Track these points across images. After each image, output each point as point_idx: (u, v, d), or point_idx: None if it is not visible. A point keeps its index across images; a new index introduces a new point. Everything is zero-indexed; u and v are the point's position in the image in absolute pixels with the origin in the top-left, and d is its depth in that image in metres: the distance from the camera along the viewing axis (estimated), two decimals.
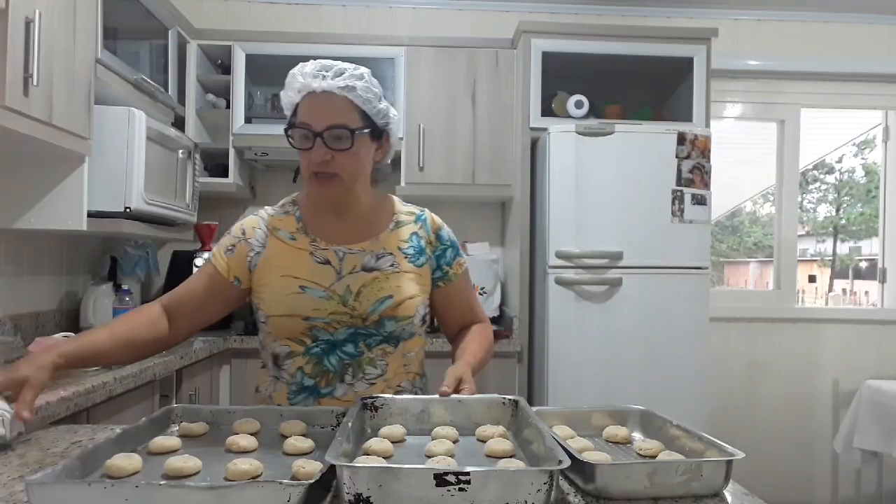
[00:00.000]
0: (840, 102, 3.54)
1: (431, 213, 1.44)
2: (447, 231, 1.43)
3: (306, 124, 1.24)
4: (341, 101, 1.23)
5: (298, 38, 2.96)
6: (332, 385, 1.29)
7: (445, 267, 1.40)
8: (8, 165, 2.00)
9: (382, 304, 1.29)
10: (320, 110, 1.23)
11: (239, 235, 1.35)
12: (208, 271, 1.34)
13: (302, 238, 1.34)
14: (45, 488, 0.73)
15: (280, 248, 1.33)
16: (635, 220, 2.64)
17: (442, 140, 2.97)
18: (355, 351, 1.30)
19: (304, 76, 1.24)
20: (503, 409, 1.13)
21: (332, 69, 1.24)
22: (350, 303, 1.28)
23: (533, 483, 0.75)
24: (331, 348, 1.29)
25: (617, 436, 1.07)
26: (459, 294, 1.44)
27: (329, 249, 1.32)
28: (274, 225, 1.35)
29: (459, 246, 1.47)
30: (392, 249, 1.35)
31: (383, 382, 1.31)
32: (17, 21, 1.62)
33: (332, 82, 1.22)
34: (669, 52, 2.92)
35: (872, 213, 3.72)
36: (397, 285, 1.31)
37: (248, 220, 1.37)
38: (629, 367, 2.60)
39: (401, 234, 1.37)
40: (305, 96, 1.25)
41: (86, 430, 1.14)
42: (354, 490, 0.75)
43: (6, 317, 2.20)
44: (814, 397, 3.46)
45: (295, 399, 1.30)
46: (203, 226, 2.96)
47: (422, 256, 1.37)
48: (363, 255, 1.32)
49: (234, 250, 1.34)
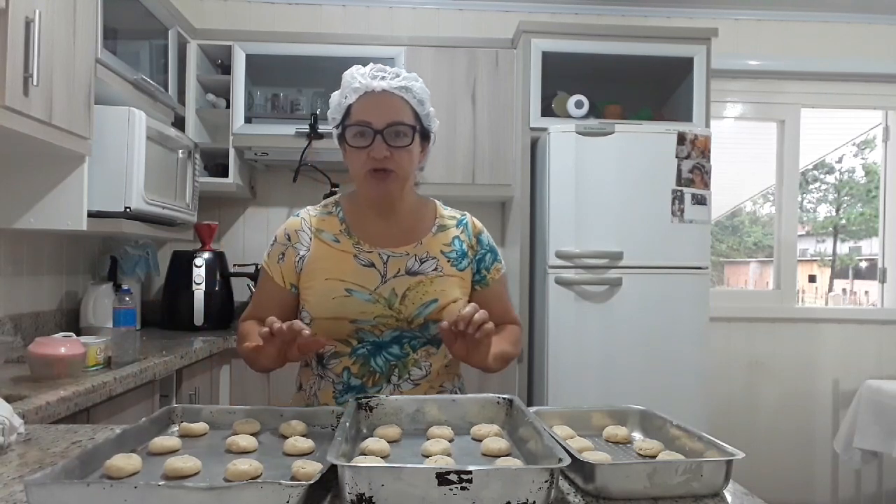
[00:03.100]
0: (840, 102, 3.54)
1: (472, 217, 1.46)
2: (487, 235, 1.45)
3: (365, 122, 1.26)
4: (399, 101, 1.28)
5: (298, 38, 2.96)
6: (379, 385, 1.31)
7: (484, 271, 1.42)
8: (8, 165, 2.00)
9: (428, 308, 1.30)
10: (380, 108, 1.27)
11: (285, 242, 1.36)
12: (268, 285, 1.37)
13: (345, 240, 1.35)
14: (44, 488, 0.73)
15: (324, 250, 1.34)
16: (635, 220, 2.64)
17: (442, 140, 2.96)
18: (401, 352, 1.32)
19: (362, 77, 1.27)
20: (497, 408, 1.14)
21: (388, 71, 1.29)
22: (396, 306, 1.30)
23: (534, 481, 0.75)
24: (377, 349, 1.31)
25: (617, 436, 1.07)
26: (496, 299, 1.43)
27: (373, 252, 1.33)
28: (317, 226, 1.37)
29: (498, 251, 1.48)
30: (435, 253, 1.36)
31: (427, 383, 1.33)
32: (17, 21, 1.62)
33: (391, 82, 1.28)
34: (669, 52, 2.92)
35: (872, 213, 3.72)
36: (442, 289, 1.32)
37: (290, 223, 1.38)
38: (629, 368, 2.60)
39: (444, 238, 1.39)
40: (361, 96, 1.28)
41: (86, 430, 1.14)
42: (356, 490, 0.75)
43: (6, 317, 2.20)
44: (814, 397, 3.46)
45: (342, 398, 1.31)
46: (203, 226, 2.96)
47: (464, 260, 1.39)
48: (407, 259, 1.34)
49: (284, 258, 1.36)
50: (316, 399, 1.35)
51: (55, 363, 1.64)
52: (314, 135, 2.83)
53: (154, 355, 2.05)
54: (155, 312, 2.96)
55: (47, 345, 1.66)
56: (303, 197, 3.16)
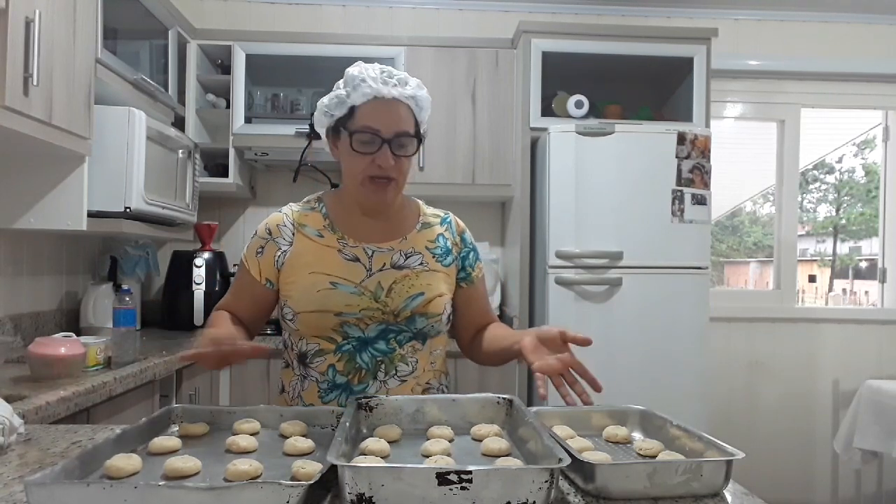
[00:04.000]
0: (840, 102, 3.54)
1: (455, 217, 1.47)
2: (469, 234, 1.47)
3: (374, 129, 1.26)
4: (405, 109, 1.28)
5: (298, 38, 2.96)
6: (365, 382, 1.30)
7: (469, 269, 1.42)
8: (8, 165, 2.00)
9: (414, 301, 1.30)
10: (389, 117, 1.26)
11: (266, 236, 1.35)
12: (244, 278, 1.37)
13: (329, 235, 1.34)
14: (43, 489, 0.73)
15: (307, 245, 1.33)
16: (635, 220, 2.64)
17: (442, 140, 2.97)
18: (387, 348, 1.31)
19: (373, 81, 1.25)
20: (497, 408, 1.14)
21: (396, 76, 1.28)
22: (382, 298, 1.29)
23: (534, 481, 0.75)
24: (362, 345, 1.30)
25: (617, 436, 1.07)
26: (480, 297, 1.46)
27: (358, 247, 1.33)
28: (300, 221, 1.36)
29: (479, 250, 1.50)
30: (420, 249, 1.36)
31: (413, 380, 1.32)
32: (17, 21, 1.62)
33: (401, 90, 1.27)
34: (669, 52, 2.92)
35: (872, 213, 3.72)
36: (428, 283, 1.33)
37: (272, 219, 1.38)
38: (629, 368, 2.59)
39: (428, 235, 1.39)
40: (370, 101, 1.26)
41: (86, 430, 1.13)
42: (357, 490, 0.75)
43: (6, 317, 2.20)
44: (814, 397, 3.46)
45: (327, 397, 1.30)
46: (203, 226, 2.96)
47: (449, 257, 1.39)
48: (392, 254, 1.34)
49: (263, 252, 1.35)
50: (301, 400, 1.33)
51: (55, 363, 1.64)
52: (314, 135, 2.79)
53: (154, 355, 2.05)
54: (155, 312, 2.96)
55: (47, 345, 1.66)
56: (303, 197, 3.14)
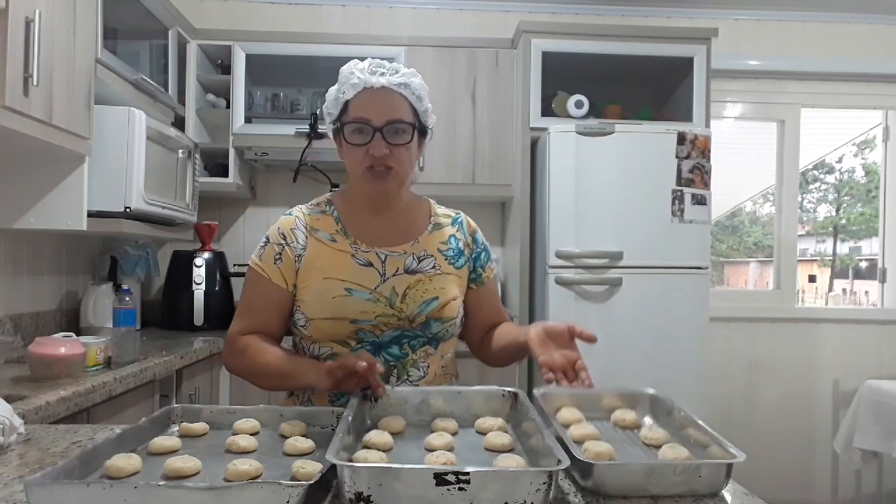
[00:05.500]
0: (840, 102, 3.53)
1: (466, 216, 1.46)
2: (480, 234, 1.46)
3: (364, 119, 1.25)
4: (398, 97, 1.26)
5: (298, 38, 2.96)
6: None
7: (480, 269, 1.42)
8: (8, 165, 2.00)
9: (429, 306, 1.30)
10: (379, 105, 1.25)
11: (281, 241, 1.32)
12: (264, 287, 1.31)
13: (342, 240, 1.33)
14: (43, 489, 0.73)
15: (320, 249, 1.32)
16: (635, 220, 2.64)
17: (442, 140, 2.97)
18: (400, 353, 1.30)
19: (361, 72, 1.25)
20: (502, 401, 1.14)
21: (388, 66, 1.27)
22: (397, 304, 1.29)
23: (532, 483, 0.75)
24: (375, 350, 1.29)
25: (625, 420, 1.06)
26: (491, 297, 1.45)
27: (371, 252, 1.32)
28: (312, 225, 1.34)
29: (491, 250, 1.49)
30: (432, 251, 1.35)
31: (424, 384, 1.32)
32: (17, 21, 1.62)
33: (390, 78, 1.25)
34: (669, 52, 2.92)
35: (872, 213, 3.72)
36: (441, 287, 1.32)
37: (284, 222, 1.34)
38: (629, 367, 2.59)
39: (440, 237, 1.38)
40: (360, 92, 1.25)
41: (86, 430, 1.13)
42: (355, 489, 0.75)
43: (6, 317, 2.20)
44: (814, 397, 3.46)
45: (339, 401, 1.28)
46: (203, 225, 2.96)
47: (461, 258, 1.38)
48: (405, 258, 1.33)
49: (281, 258, 1.31)
50: (310, 403, 1.33)
51: (55, 363, 1.64)
52: (314, 135, 2.83)
53: (154, 355, 2.05)
54: (155, 312, 2.96)
55: (47, 345, 1.66)
56: (303, 197, 3.09)
